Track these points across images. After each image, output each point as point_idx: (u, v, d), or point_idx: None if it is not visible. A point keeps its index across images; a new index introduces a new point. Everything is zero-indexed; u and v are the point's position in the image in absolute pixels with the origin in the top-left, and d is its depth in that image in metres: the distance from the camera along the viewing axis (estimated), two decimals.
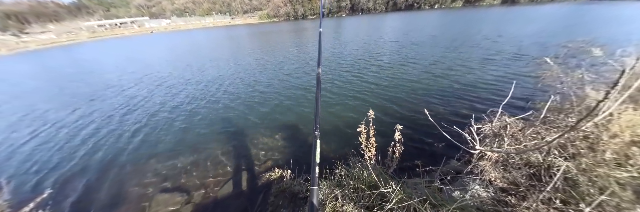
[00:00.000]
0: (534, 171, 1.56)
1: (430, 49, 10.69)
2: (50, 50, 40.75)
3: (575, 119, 1.88)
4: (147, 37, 53.25)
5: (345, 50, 12.43)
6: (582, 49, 2.64)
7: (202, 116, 5.65)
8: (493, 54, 8.64)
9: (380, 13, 76.03)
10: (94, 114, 6.59)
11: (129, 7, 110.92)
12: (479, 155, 1.89)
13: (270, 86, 7.47)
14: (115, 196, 3.27)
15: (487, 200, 1.47)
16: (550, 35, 11.01)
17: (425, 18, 32.16)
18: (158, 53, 20.21)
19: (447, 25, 20.75)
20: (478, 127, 2.07)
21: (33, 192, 3.45)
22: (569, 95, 2.15)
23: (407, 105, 5.10)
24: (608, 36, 8.94)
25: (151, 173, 3.68)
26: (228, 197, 3.03)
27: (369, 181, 1.87)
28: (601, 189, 1.36)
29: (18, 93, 10.13)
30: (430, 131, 3.79)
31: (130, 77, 11.12)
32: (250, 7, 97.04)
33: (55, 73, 15.15)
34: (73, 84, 10.87)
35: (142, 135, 4.98)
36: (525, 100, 4.40)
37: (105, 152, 4.44)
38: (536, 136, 1.81)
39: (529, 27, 14.66)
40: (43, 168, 4.12)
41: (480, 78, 6.30)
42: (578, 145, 1.62)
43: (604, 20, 14.02)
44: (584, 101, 2.06)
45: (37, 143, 5.11)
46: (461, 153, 2.18)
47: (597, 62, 2.36)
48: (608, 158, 1.50)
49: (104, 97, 8.15)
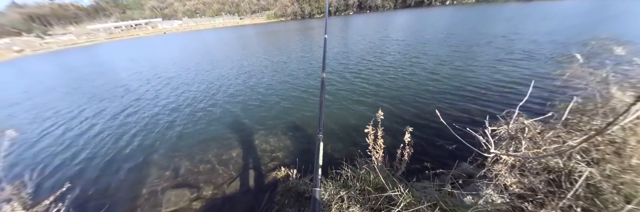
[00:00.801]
0: (554, 176, 1.47)
1: (439, 48, 10.39)
2: (71, 51, 42.83)
3: (600, 121, 1.76)
4: (161, 37, 54.88)
5: (350, 50, 12.30)
6: (606, 47, 2.46)
7: (212, 115, 5.75)
8: (508, 52, 8.29)
9: (388, 10, 74.76)
10: (106, 113, 6.86)
11: (143, 8, 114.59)
12: (494, 158, 1.80)
13: (274, 87, 7.51)
14: (128, 191, 3.39)
15: (502, 206, 1.40)
16: (571, 32, 10.44)
17: (435, 15, 31.30)
18: (169, 53, 20.78)
19: (458, 22, 20.10)
20: (492, 129, 1.97)
21: (52, 186, 3.63)
22: (593, 95, 2.01)
23: (416, 105, 4.98)
24: (634, 32, 8.38)
25: (162, 170, 3.79)
26: (235, 194, 3.07)
27: (375, 183, 1.83)
28: (627, 197, 1.26)
29: (39, 92, 10.69)
30: (440, 132, 3.68)
31: (140, 76, 11.49)
32: (258, 7, 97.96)
33: (73, 72, 15.90)
34: (87, 83, 11.36)
35: (152, 132, 5.13)
36: (544, 101, 4.17)
37: (117, 150, 4.60)
38: (556, 139, 1.70)
39: (547, 23, 13.96)
40: (59, 164, 4.32)
41: (494, 77, 6.06)
42: (602, 149, 1.51)
43: (630, 16, 13.15)
44: (609, 102, 1.92)
45: (49, 141, 5.38)
46: (474, 156, 2.10)
47: (622, 61, 2.20)
48: (635, 164, 1.39)
49: (115, 96, 8.46)
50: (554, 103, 2.63)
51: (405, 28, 19.77)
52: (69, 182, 3.60)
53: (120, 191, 3.41)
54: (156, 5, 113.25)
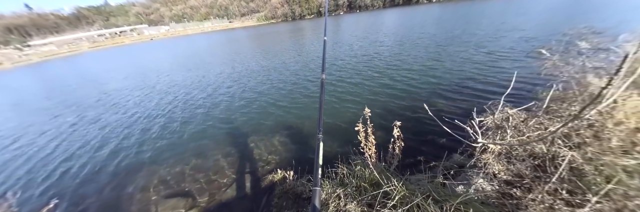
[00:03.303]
0: (539, 161, 1.53)
1: (427, 44, 10.58)
2: (52, 62, 41.35)
3: (579, 107, 1.83)
4: (147, 44, 53.70)
5: (341, 49, 12.39)
6: (583, 36, 2.57)
7: (203, 120, 5.67)
8: (492, 45, 8.52)
9: (378, 9, 75.57)
10: (96, 122, 6.67)
11: (128, 15, 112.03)
12: (482, 148, 1.85)
13: (267, 89, 7.47)
14: (120, 201, 3.29)
15: (492, 193, 1.44)
16: (552, 24, 10.83)
17: (423, 13, 31.85)
18: (157, 60, 20.38)
19: (444, 19, 20.54)
20: (480, 120, 2.03)
21: (39, 201, 3.49)
22: (571, 83, 2.10)
23: (406, 100, 5.06)
24: (613, 21, 8.75)
25: (155, 177, 3.70)
26: (232, 199, 3.03)
27: (370, 179, 1.85)
28: (608, 178, 1.32)
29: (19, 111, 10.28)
30: (431, 125, 3.75)
31: (127, 85, 11.22)
32: (248, 10, 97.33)
33: (53, 85, 15.36)
34: (69, 97, 10.96)
35: (144, 140, 5.01)
36: (528, 91, 4.33)
37: (107, 159, 4.48)
38: (539, 126, 1.77)
39: (530, 16, 14.43)
40: (46, 177, 4.17)
41: (480, 70, 6.22)
42: (582, 134, 1.58)
43: (607, 6, 13.74)
44: (587, 89, 2.00)
45: (37, 153, 5.19)
46: (463, 147, 2.15)
47: (598, 49, 2.30)
48: (614, 146, 1.46)
49: (104, 105, 8.23)
50: (537, 92, 2.72)
51: (395, 27, 20.05)
52: (56, 198, 3.49)
53: (113, 204, 3.31)
54: (141, 11, 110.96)
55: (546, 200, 1.29)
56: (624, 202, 1.16)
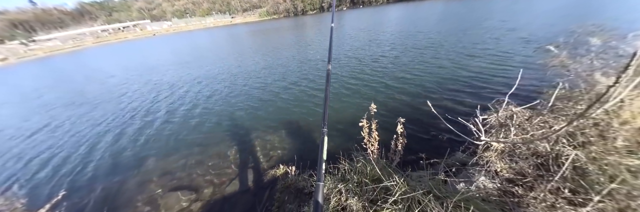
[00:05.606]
0: (542, 160, 1.52)
1: (431, 41, 10.44)
2: (56, 57, 41.66)
3: (585, 106, 1.81)
4: (150, 39, 53.70)
5: (344, 45, 12.27)
6: (592, 33, 2.51)
7: (206, 115, 5.72)
8: (498, 42, 8.38)
9: (381, 4, 74.30)
10: (98, 117, 6.76)
11: (130, 10, 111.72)
12: (485, 146, 1.85)
13: (270, 83, 7.47)
14: (126, 196, 3.37)
15: (493, 191, 1.45)
16: (559, 20, 10.58)
17: (427, 8, 31.28)
18: (160, 55, 20.42)
19: (448, 15, 20.16)
20: (483, 118, 2.02)
21: (47, 194, 3.59)
22: (578, 82, 2.06)
23: (410, 97, 5.03)
24: (623, 19, 8.52)
25: (159, 172, 3.78)
26: (235, 193, 3.09)
27: (372, 175, 1.87)
28: (611, 177, 1.31)
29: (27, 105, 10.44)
30: (434, 123, 3.74)
31: (132, 80, 11.30)
32: (250, 5, 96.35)
33: (59, 81, 15.52)
34: (74, 93, 11.11)
35: (147, 135, 5.09)
36: (533, 89, 4.27)
37: (112, 153, 4.56)
38: (543, 125, 1.75)
39: (537, 13, 14.10)
40: (53, 171, 4.27)
41: (485, 67, 6.14)
42: (587, 133, 1.57)
43: (617, 4, 13.36)
44: (594, 88, 1.97)
45: (44, 148, 5.30)
46: (466, 144, 2.15)
47: (607, 47, 2.25)
48: (619, 145, 1.45)
49: (107, 101, 8.32)
50: (542, 90, 2.69)
51: (399, 24, 19.75)
52: (64, 190, 3.58)
53: (118, 197, 3.39)
54: (144, 6, 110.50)
55: (548, 198, 1.30)
56: (627, 202, 1.15)
